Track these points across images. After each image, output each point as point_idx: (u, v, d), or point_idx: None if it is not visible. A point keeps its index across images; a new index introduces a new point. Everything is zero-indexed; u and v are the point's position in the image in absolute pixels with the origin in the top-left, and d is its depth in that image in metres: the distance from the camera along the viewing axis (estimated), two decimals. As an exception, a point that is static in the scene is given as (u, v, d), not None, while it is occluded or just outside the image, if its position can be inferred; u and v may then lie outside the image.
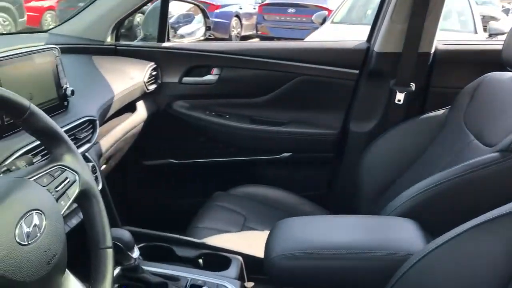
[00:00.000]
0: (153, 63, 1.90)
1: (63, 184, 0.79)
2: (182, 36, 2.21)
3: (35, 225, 0.67)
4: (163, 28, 1.96)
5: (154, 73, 1.89)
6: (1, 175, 0.83)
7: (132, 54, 1.90)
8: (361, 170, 1.72)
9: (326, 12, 7.44)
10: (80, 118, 1.25)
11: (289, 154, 2.01)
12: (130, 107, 1.79)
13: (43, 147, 0.82)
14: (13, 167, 0.85)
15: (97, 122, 1.33)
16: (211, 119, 1.98)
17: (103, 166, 1.62)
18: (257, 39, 10.34)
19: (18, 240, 0.63)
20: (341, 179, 2.02)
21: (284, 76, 1.94)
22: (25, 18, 8.37)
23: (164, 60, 1.94)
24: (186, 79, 1.96)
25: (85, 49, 1.80)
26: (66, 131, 1.16)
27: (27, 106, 0.74)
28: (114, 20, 1.87)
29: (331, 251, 1.14)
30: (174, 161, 2.08)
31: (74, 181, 0.82)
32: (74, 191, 0.81)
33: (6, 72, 1.03)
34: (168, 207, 2.14)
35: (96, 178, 1.30)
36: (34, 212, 0.68)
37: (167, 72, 1.95)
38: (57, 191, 0.77)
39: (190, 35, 2.31)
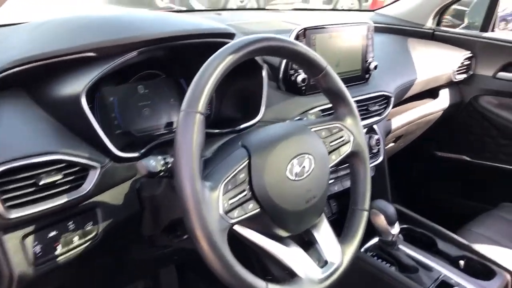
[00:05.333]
0: (468, 52, 1.80)
1: (337, 141, 0.88)
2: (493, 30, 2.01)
3: (304, 166, 0.78)
4: (489, 17, 1.82)
5: (467, 62, 1.79)
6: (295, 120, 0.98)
7: (449, 40, 1.84)
8: None
9: None
10: (376, 92, 1.32)
11: None
12: (432, 93, 1.76)
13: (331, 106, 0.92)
14: (305, 118, 0.99)
15: (392, 99, 1.38)
16: (522, 123, 1.77)
17: (391, 144, 1.67)
18: None
19: (287, 174, 0.75)
20: None
21: None
22: (370, 2, 8.92)
23: (482, 50, 1.81)
24: (502, 74, 1.79)
25: (402, 31, 1.86)
26: (360, 101, 1.26)
27: (324, 66, 0.85)
28: (438, 5, 1.85)
29: None
30: (468, 158, 1.95)
31: (348, 141, 0.89)
32: (346, 150, 0.89)
33: (322, 39, 1.18)
34: (447, 204, 2.04)
35: (377, 152, 1.37)
36: (306, 155, 0.78)
37: (482, 63, 1.82)
38: (331, 145, 0.87)
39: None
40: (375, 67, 1.32)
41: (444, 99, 1.79)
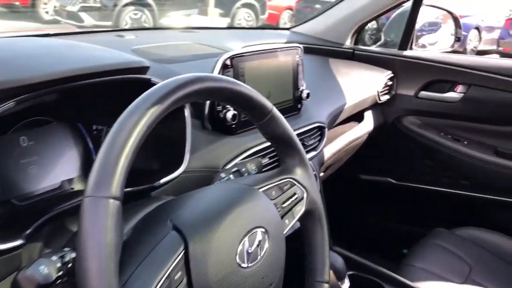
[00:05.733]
0: (390, 72, 1.74)
1: (290, 200, 0.70)
2: (423, 46, 2.00)
3: (258, 245, 0.59)
4: (408, 35, 1.78)
5: (389, 83, 1.73)
6: (232, 177, 0.78)
7: (370, 59, 1.77)
8: None
9: None
10: (311, 123, 1.18)
11: (539, 201, 1.63)
12: (357, 116, 1.67)
13: (272, 149, 0.75)
14: (243, 169, 0.81)
15: (326, 129, 1.25)
16: (445, 142, 1.73)
17: (321, 174, 1.54)
18: (496, 55, 9.29)
19: (238, 261, 0.56)
20: None
21: None
22: (266, 15, 9.06)
23: (403, 69, 1.76)
24: (423, 94, 1.75)
25: (322, 50, 1.75)
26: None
27: (269, 109, 0.67)
28: (356, 23, 1.77)
29: None
30: (393, 181, 1.89)
31: (302, 199, 0.73)
32: (300, 209, 0.72)
33: (250, 67, 1.01)
34: (378, 229, 1.97)
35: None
36: (259, 230, 0.60)
37: (404, 83, 1.77)
38: (283, 207, 0.69)
39: (434, 45, 2.07)
40: (308, 96, 1.17)
41: (369, 122, 1.71)
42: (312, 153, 1.17)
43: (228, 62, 0.95)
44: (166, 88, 0.53)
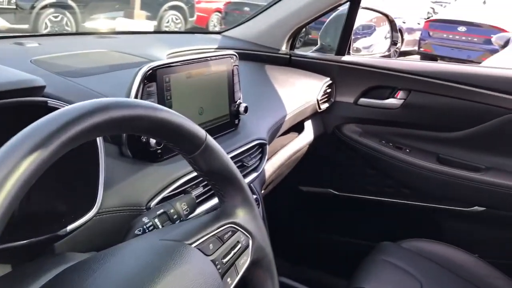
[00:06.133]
0: (328, 78, 1.64)
1: (232, 252, 0.56)
2: (358, 50, 1.93)
3: None
4: (345, 40, 1.69)
5: (328, 90, 1.64)
6: (158, 223, 0.62)
7: (307, 65, 1.67)
8: None
9: (510, 34, 6.54)
10: (251, 141, 1.04)
11: (483, 209, 1.59)
12: (296, 126, 1.56)
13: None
14: (172, 210, 0.65)
15: (267, 146, 1.11)
16: (387, 150, 1.66)
17: (262, 191, 1.41)
18: (418, 56, 9.71)
19: None
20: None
21: (488, 110, 1.54)
22: (195, 18, 8.87)
23: (341, 76, 1.67)
24: (363, 100, 1.67)
25: (257, 56, 1.62)
26: (234, 157, 0.95)
27: (203, 138, 0.52)
28: (292, 27, 1.66)
29: None
30: (335, 192, 1.80)
31: (247, 247, 0.58)
32: (245, 261, 0.58)
33: (177, 79, 0.85)
34: (323, 243, 1.87)
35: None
36: None
37: (343, 90, 1.68)
38: (224, 264, 0.54)
39: (368, 49, 2.02)
40: (246, 110, 1.03)
41: (309, 132, 1.60)
42: (253, 175, 1.03)
43: (149, 75, 0.78)
44: (51, 125, 0.37)
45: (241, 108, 1.02)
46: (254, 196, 1.04)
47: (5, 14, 6.81)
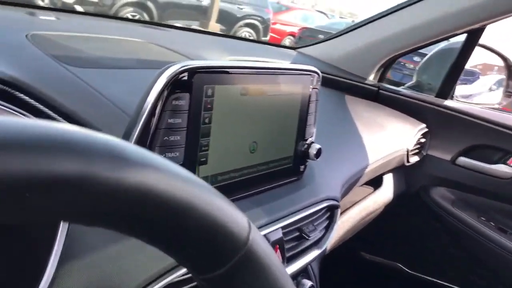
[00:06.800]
0: (424, 125, 1.28)
1: None
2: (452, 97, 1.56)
3: None
4: (451, 81, 1.33)
5: (422, 140, 1.27)
6: None
7: (398, 104, 1.32)
8: None
9: None
10: (319, 202, 0.70)
11: None
12: (374, 180, 1.20)
13: None
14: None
15: (339, 210, 0.77)
16: (485, 230, 1.27)
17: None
18: None
19: None
20: None
21: None
22: (268, 38, 8.72)
23: (440, 124, 1.31)
24: (463, 160, 1.29)
25: (338, 83, 1.30)
26: (291, 224, 0.62)
27: (245, 235, 0.20)
28: (386, 55, 1.32)
29: None
30: (404, 268, 1.42)
31: None
32: None
33: (227, 95, 0.53)
34: None
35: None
36: None
37: (439, 142, 1.31)
38: None
39: (467, 98, 1.63)
40: (318, 154, 0.70)
41: (388, 189, 1.24)
42: (315, 253, 0.69)
43: (179, 79, 0.47)
44: None
45: (313, 150, 0.69)
46: (309, 284, 0.69)
47: (86, 6, 6.94)
